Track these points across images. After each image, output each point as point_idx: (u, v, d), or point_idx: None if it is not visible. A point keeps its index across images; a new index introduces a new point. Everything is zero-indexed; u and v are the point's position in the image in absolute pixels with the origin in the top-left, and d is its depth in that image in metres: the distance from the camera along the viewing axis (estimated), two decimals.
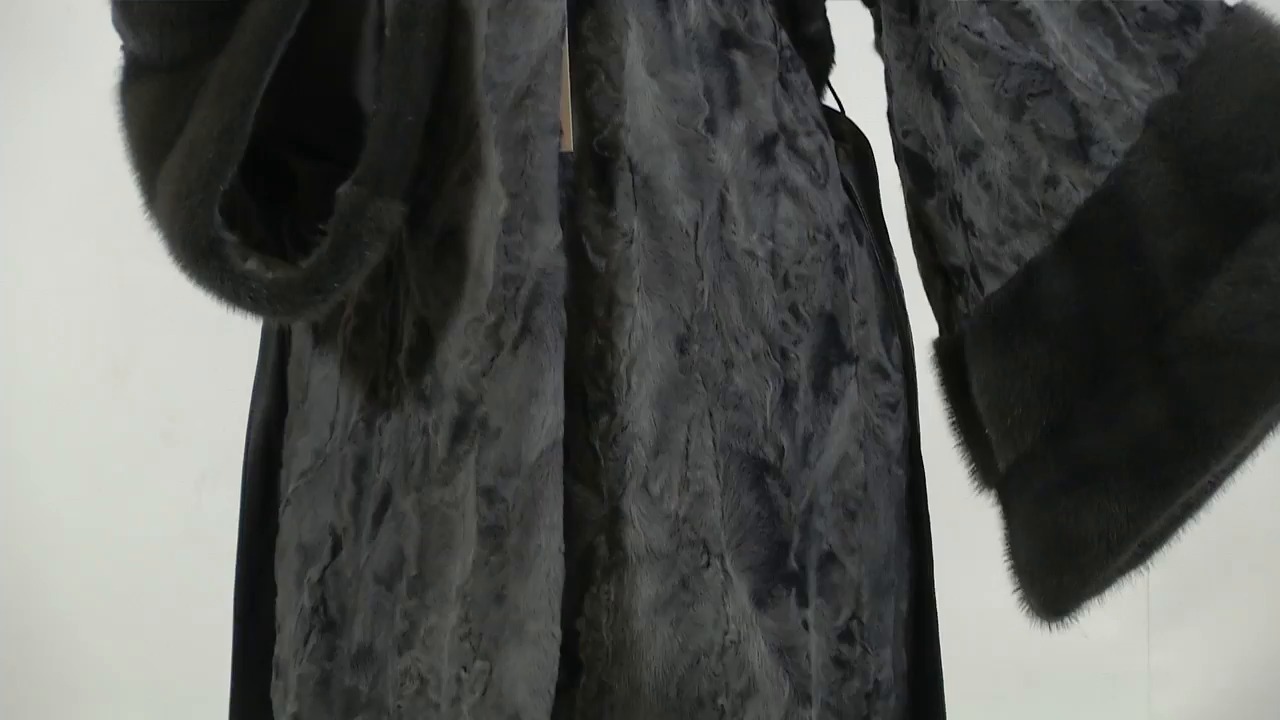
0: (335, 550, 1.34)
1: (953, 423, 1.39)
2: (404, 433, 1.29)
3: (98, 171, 2.85)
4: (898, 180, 1.40)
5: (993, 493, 1.36)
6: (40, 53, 2.95)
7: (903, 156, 1.37)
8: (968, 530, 1.57)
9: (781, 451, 1.29)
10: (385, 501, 1.30)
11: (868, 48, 1.40)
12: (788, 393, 1.30)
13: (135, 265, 2.85)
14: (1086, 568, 1.27)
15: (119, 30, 1.33)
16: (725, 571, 1.25)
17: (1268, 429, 1.26)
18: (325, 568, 1.34)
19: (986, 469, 1.36)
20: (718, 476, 1.26)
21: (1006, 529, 1.34)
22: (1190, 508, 1.28)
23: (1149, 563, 1.31)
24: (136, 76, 1.32)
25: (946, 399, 1.40)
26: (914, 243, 1.40)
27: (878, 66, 1.38)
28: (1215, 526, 1.31)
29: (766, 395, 1.30)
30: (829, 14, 1.41)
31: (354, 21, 1.29)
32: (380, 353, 1.32)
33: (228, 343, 1.68)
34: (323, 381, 1.36)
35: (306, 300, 1.22)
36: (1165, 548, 1.30)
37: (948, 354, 1.39)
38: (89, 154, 2.84)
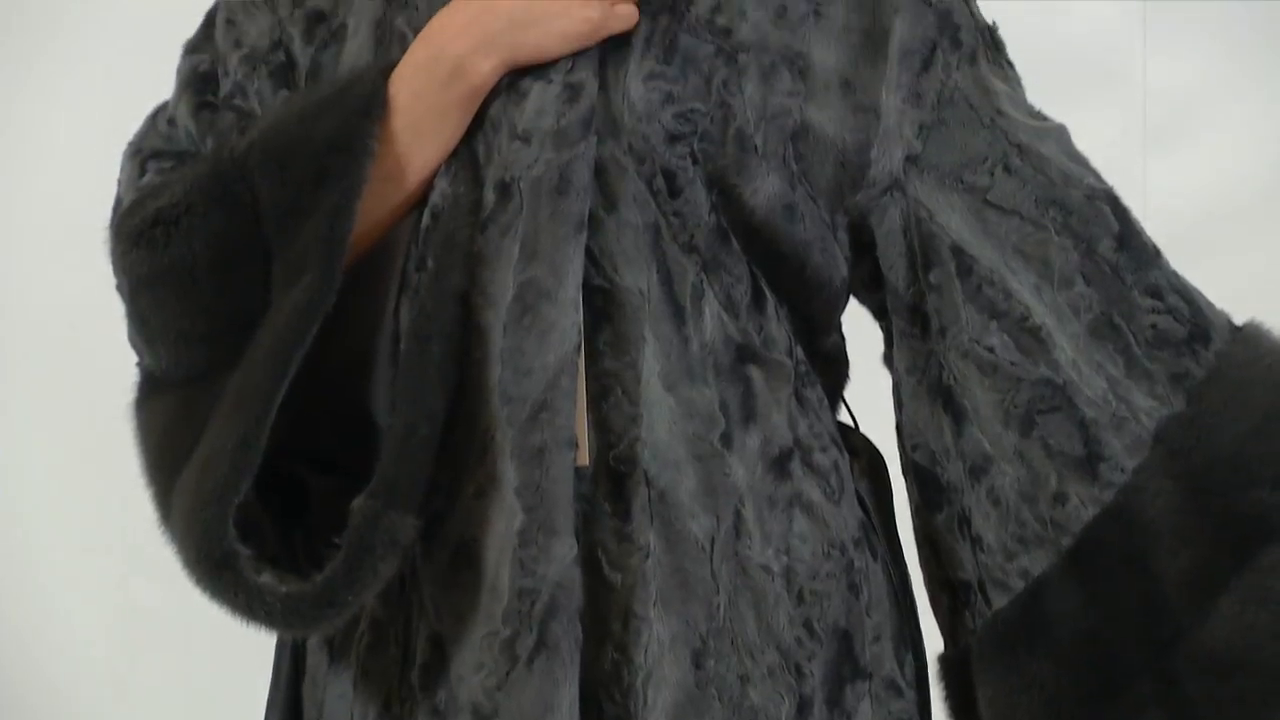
0: None
1: None
2: None
3: (99, 176, 2.88)
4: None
5: None
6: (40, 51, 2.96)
7: (911, 471, 1.38)
8: None
9: None
10: None
11: (879, 360, 1.42)
12: (802, 708, 1.30)
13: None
14: None
15: (134, 346, 1.36)
16: None
17: None
18: None
19: None
20: None
21: None
22: None
23: None
24: (152, 392, 1.34)
25: (951, 715, 1.39)
26: (920, 557, 1.41)
27: (888, 380, 1.40)
28: None
29: (782, 711, 1.29)
30: (843, 328, 1.43)
31: (369, 336, 1.31)
32: (394, 669, 1.31)
33: None
34: (338, 699, 1.35)
35: (320, 615, 1.21)
36: None
37: (953, 669, 1.38)
38: (91, 157, 2.87)
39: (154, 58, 2.80)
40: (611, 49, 1.28)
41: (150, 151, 1.41)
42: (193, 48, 1.42)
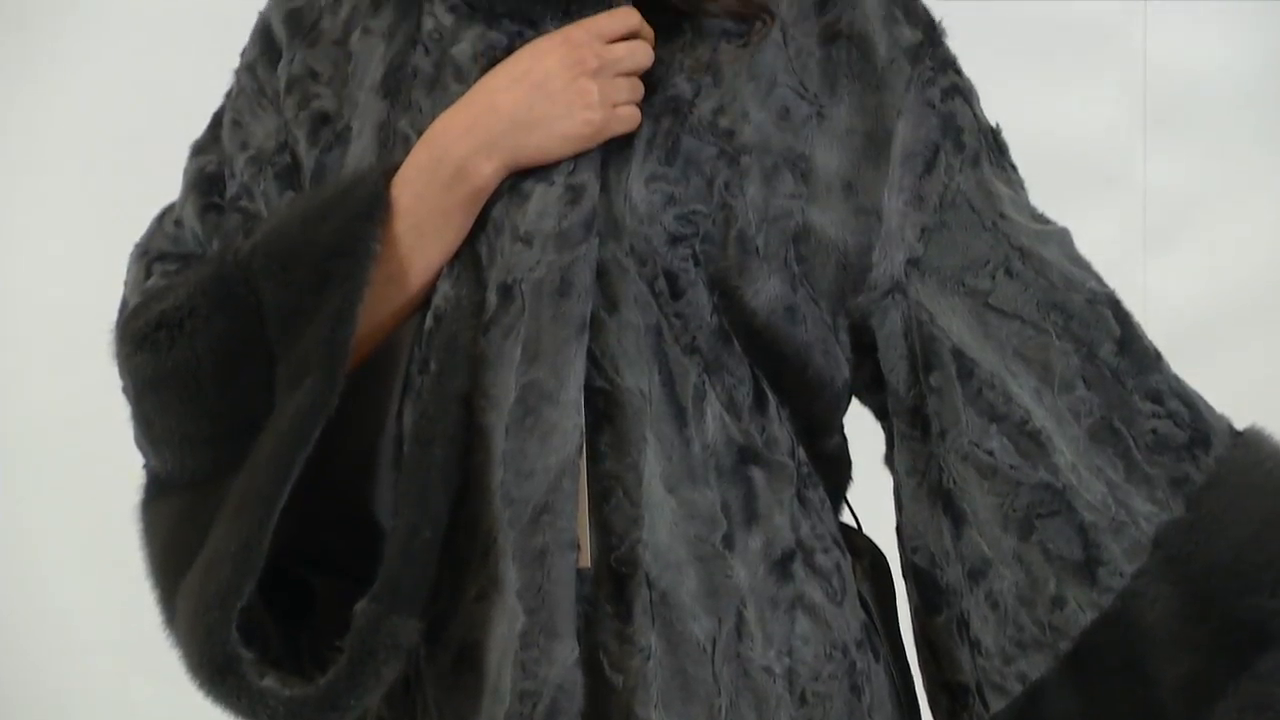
0: None
1: None
2: None
3: (101, 172, 2.86)
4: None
5: None
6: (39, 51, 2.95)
7: (910, 572, 1.38)
8: None
9: None
10: None
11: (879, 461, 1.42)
12: None
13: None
14: None
15: (141, 449, 1.36)
16: None
17: None
18: None
19: None
20: None
21: None
22: None
23: None
24: (158, 495, 1.34)
25: None
26: (919, 658, 1.40)
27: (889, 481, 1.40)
28: None
29: None
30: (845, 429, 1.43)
31: (372, 438, 1.31)
32: None
33: None
34: None
35: (323, 718, 1.21)
36: None
37: None
38: (92, 157, 2.84)
39: (155, 58, 2.84)
40: (614, 150, 1.28)
41: (156, 253, 1.42)
42: (199, 149, 1.43)
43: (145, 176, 2.78)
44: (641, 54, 1.28)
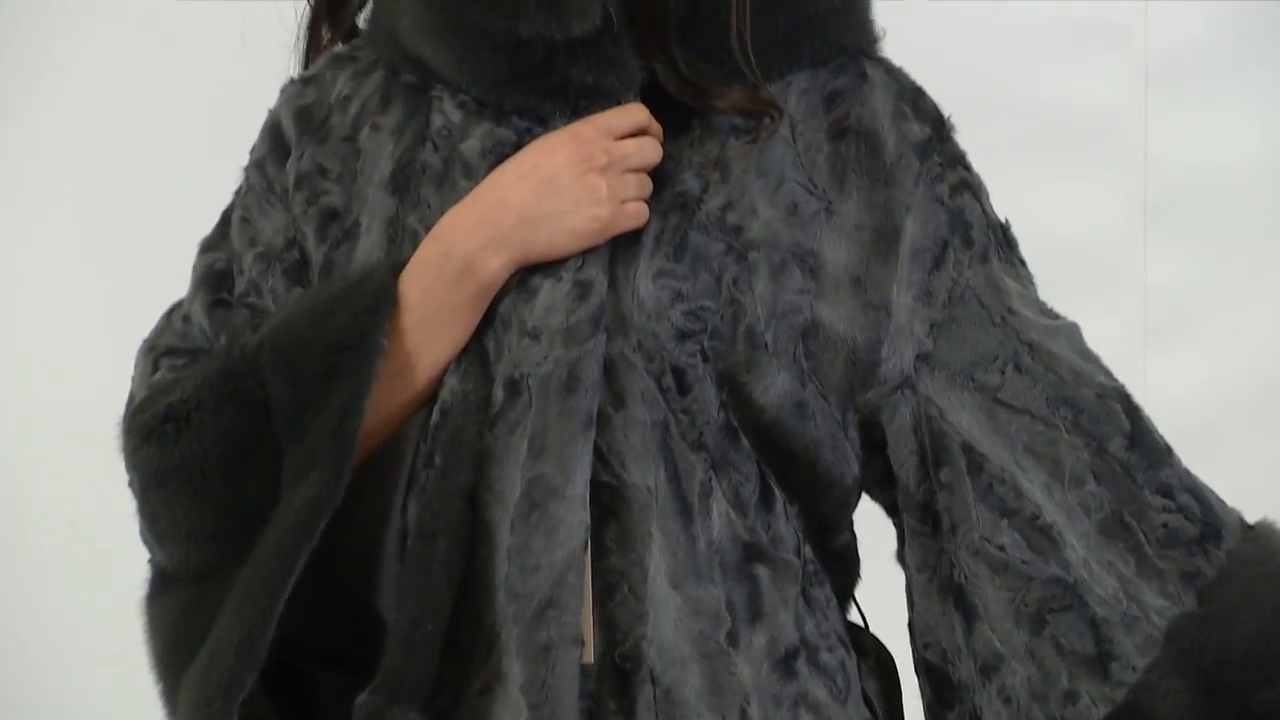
0: None
1: None
2: None
3: (104, 170, 2.84)
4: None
5: None
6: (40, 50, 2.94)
7: (923, 668, 1.37)
8: None
9: None
10: None
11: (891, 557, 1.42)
12: None
13: (144, 263, 2.81)
14: None
15: (146, 544, 1.36)
16: None
17: None
18: None
19: None
20: None
21: None
22: None
23: None
24: (163, 589, 1.34)
25: None
26: None
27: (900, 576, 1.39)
28: None
29: None
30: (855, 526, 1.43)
31: (377, 532, 1.31)
32: None
33: None
34: None
35: None
36: None
37: None
38: (95, 156, 2.83)
39: (156, 59, 2.84)
40: (622, 246, 1.29)
41: (164, 349, 1.42)
42: (208, 245, 1.44)
43: (145, 176, 2.82)
44: (650, 150, 1.29)
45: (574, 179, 1.26)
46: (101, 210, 2.88)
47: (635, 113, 1.29)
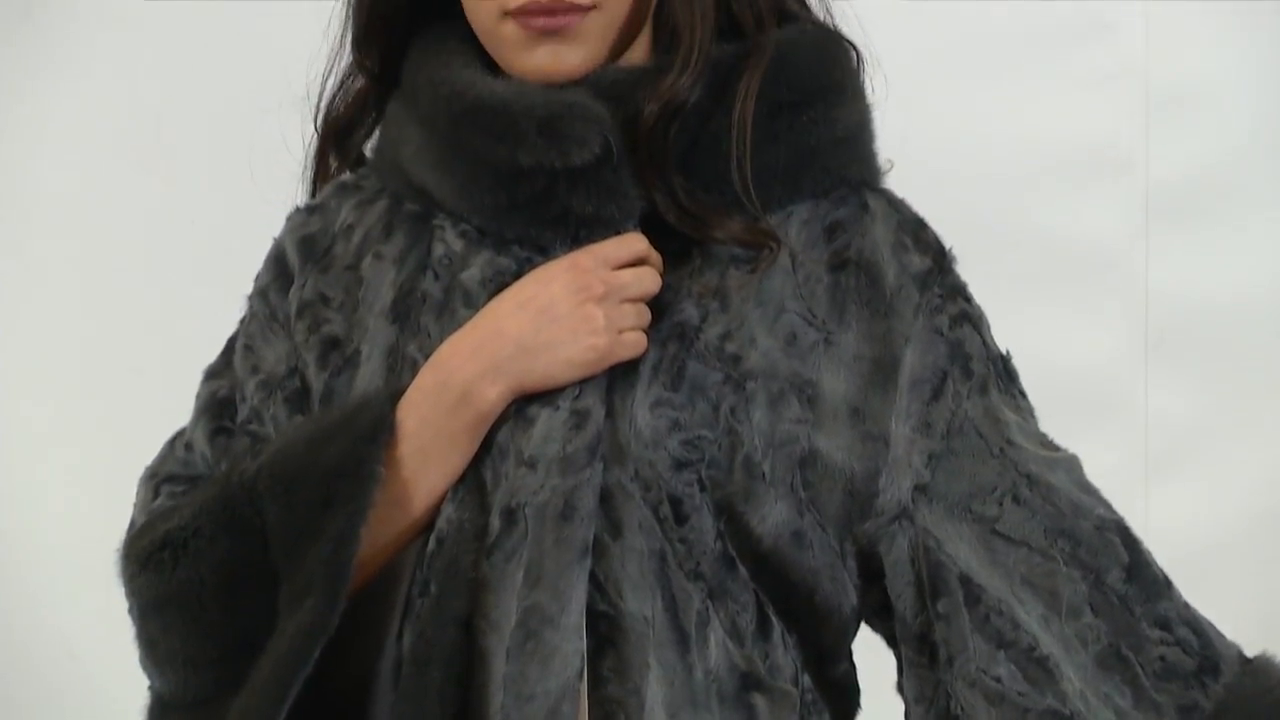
0: None
1: None
2: None
3: (107, 168, 2.82)
4: None
5: None
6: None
7: None
8: None
9: None
10: None
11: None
12: None
13: (145, 264, 2.80)
14: None
15: (145, 671, 1.36)
16: None
17: None
18: None
19: None
20: None
21: None
22: None
23: None
24: (160, 716, 1.34)
25: None
26: None
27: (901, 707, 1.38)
28: None
29: None
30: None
31: (371, 660, 1.30)
32: None
33: None
34: None
35: None
36: None
37: None
38: (99, 155, 2.81)
39: (158, 60, 2.85)
40: (619, 375, 1.29)
41: (165, 476, 1.42)
42: (212, 374, 1.44)
43: (145, 177, 2.82)
44: (648, 280, 1.30)
45: (571, 309, 1.27)
46: (101, 210, 2.88)
47: (634, 242, 1.30)
